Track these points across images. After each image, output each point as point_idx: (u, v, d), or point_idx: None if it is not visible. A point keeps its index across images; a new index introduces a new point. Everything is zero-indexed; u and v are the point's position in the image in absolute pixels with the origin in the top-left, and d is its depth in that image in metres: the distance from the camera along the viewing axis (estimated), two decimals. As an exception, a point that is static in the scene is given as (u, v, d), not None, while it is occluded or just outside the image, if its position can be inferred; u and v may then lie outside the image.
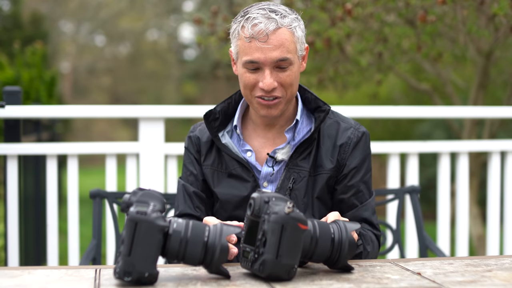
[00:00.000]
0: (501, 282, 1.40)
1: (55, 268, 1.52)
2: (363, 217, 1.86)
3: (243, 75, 1.78)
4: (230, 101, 1.92)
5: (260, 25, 1.71)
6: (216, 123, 1.88)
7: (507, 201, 3.26)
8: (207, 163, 1.90)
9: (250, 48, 1.73)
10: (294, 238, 1.39)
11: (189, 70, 18.19)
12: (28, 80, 6.80)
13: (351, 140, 1.86)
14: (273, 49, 1.72)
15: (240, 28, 1.76)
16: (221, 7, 8.14)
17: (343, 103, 6.51)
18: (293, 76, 1.77)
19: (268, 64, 1.73)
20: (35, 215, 3.98)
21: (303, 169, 1.83)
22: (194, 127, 1.97)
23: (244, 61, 1.75)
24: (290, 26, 1.74)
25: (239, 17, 1.78)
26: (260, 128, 1.89)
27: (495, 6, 3.61)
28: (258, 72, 1.76)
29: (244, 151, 1.87)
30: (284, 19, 1.73)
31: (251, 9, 1.76)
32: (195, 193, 1.90)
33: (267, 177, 1.84)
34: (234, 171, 1.85)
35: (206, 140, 1.91)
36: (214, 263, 1.39)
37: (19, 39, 10.30)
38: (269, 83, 1.73)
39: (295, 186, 1.83)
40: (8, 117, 2.86)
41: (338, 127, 1.88)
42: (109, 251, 2.85)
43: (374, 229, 1.87)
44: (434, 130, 7.41)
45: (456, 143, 3.25)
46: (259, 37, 1.71)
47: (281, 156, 1.83)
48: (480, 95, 4.64)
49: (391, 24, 4.32)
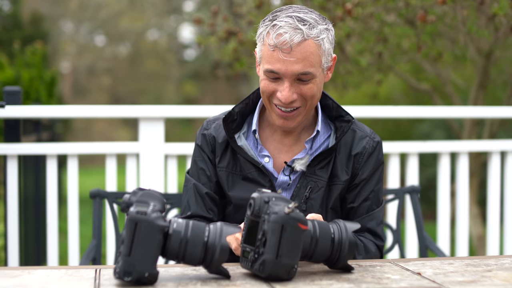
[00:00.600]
0: (501, 282, 1.40)
1: (55, 268, 1.52)
2: (367, 227, 1.84)
3: (263, 81, 1.73)
4: (248, 102, 1.86)
5: (285, 35, 1.64)
6: (234, 124, 1.83)
7: (507, 201, 3.26)
8: (221, 165, 1.85)
9: (272, 57, 1.67)
10: (294, 238, 1.39)
11: (189, 70, 18.20)
12: (28, 80, 6.80)
13: (366, 151, 1.83)
14: (296, 62, 1.66)
15: (266, 34, 1.70)
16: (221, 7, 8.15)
17: (343, 103, 6.47)
18: (315, 88, 1.72)
19: (289, 76, 1.68)
20: (35, 215, 3.98)
21: (321, 179, 1.80)
22: (208, 124, 1.91)
23: (265, 69, 1.70)
24: (317, 38, 1.67)
25: (267, 21, 1.71)
26: (277, 133, 1.85)
27: (495, 6, 3.61)
28: (278, 82, 1.71)
29: (262, 156, 1.82)
30: (312, 30, 1.66)
31: (280, 14, 1.69)
32: (207, 195, 1.85)
33: (282, 185, 1.81)
34: (250, 175, 1.81)
35: (222, 141, 1.86)
36: (214, 263, 1.39)
37: (19, 39, 10.31)
38: (287, 96, 1.69)
39: (312, 196, 1.79)
40: (8, 117, 2.86)
41: (354, 136, 1.84)
42: (109, 251, 2.85)
43: (377, 240, 1.84)
44: (434, 130, 7.41)
45: (456, 143, 3.25)
46: (283, 48, 1.65)
47: (299, 167, 1.80)
48: (480, 95, 4.64)
49: (391, 24, 4.32)
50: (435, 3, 3.87)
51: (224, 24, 4.84)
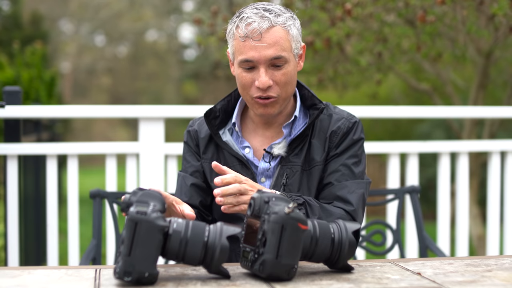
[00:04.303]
0: (501, 282, 1.40)
1: (55, 268, 1.52)
2: (337, 195, 1.80)
3: (239, 75, 1.79)
4: (229, 99, 1.93)
5: (253, 24, 1.72)
6: (217, 121, 1.90)
7: (507, 201, 3.26)
8: (206, 157, 1.92)
9: (245, 47, 1.74)
10: (294, 238, 1.39)
11: (189, 70, 18.20)
12: (28, 80, 6.80)
13: (340, 130, 1.86)
14: (267, 47, 1.73)
15: (235, 28, 1.77)
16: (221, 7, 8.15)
17: (343, 103, 6.51)
18: (289, 75, 1.78)
19: (263, 62, 1.74)
20: (35, 215, 3.98)
21: (295, 164, 1.84)
22: (193, 122, 1.99)
23: (240, 60, 1.76)
24: (284, 24, 1.75)
25: (234, 18, 1.79)
26: (259, 127, 1.90)
27: (495, 6, 3.61)
28: (254, 71, 1.77)
29: (243, 148, 1.88)
30: (278, 18, 1.74)
31: (245, 9, 1.78)
32: (194, 184, 1.91)
33: (264, 172, 1.86)
34: (233, 168, 1.86)
35: (204, 136, 1.93)
36: (214, 263, 1.39)
37: (19, 39, 10.32)
38: (264, 81, 1.74)
39: (289, 181, 1.83)
40: (8, 117, 2.86)
41: (330, 120, 1.88)
42: (109, 251, 2.85)
43: (347, 205, 1.78)
44: (434, 130, 7.41)
45: (456, 143, 3.25)
46: (253, 35, 1.72)
47: (277, 151, 1.84)
48: (480, 95, 4.64)
49: (391, 24, 4.32)
50: (435, 3, 3.87)
51: (224, 24, 4.84)
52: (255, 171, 1.86)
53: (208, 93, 17.71)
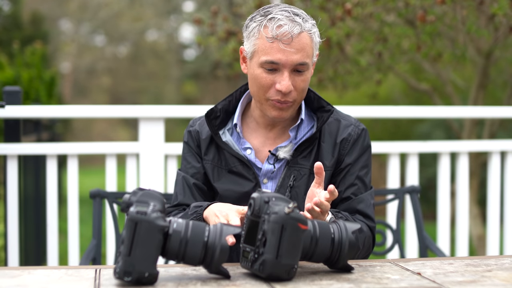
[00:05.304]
0: (501, 282, 1.40)
1: (55, 268, 1.52)
2: (357, 209, 1.85)
3: (259, 75, 1.77)
4: (231, 99, 1.92)
5: (285, 26, 1.71)
6: (217, 121, 1.89)
7: (507, 201, 3.26)
8: (207, 158, 1.91)
9: (272, 49, 1.73)
10: (294, 238, 1.39)
11: (189, 70, 18.21)
12: (28, 80, 6.80)
13: (351, 137, 1.88)
14: (295, 52, 1.72)
15: (262, 27, 1.74)
16: (221, 7, 8.15)
17: (343, 103, 6.51)
18: (307, 81, 1.79)
19: (288, 66, 1.73)
20: (35, 215, 3.98)
21: (303, 167, 1.84)
22: (194, 122, 1.98)
23: (263, 60, 1.74)
24: (310, 31, 1.75)
25: (259, 16, 1.77)
26: (261, 127, 1.90)
27: (495, 6, 3.61)
28: (276, 73, 1.75)
29: (244, 149, 1.87)
30: (306, 24, 1.74)
31: (272, 10, 1.76)
32: (195, 185, 1.90)
33: (267, 174, 1.85)
34: (234, 168, 1.86)
35: (206, 136, 1.92)
36: (214, 263, 1.39)
37: (19, 39, 10.31)
38: (288, 85, 1.74)
39: (296, 184, 1.83)
40: (8, 117, 2.86)
41: (339, 125, 1.89)
42: (109, 251, 2.85)
43: (368, 220, 1.85)
44: (434, 130, 7.41)
45: (456, 143, 3.25)
46: (283, 38, 1.71)
47: (283, 154, 1.84)
48: (480, 95, 4.64)
49: (391, 24, 4.32)
50: (435, 3, 3.87)
51: (224, 24, 4.84)
52: (258, 172, 1.86)
53: (208, 93, 17.71)
